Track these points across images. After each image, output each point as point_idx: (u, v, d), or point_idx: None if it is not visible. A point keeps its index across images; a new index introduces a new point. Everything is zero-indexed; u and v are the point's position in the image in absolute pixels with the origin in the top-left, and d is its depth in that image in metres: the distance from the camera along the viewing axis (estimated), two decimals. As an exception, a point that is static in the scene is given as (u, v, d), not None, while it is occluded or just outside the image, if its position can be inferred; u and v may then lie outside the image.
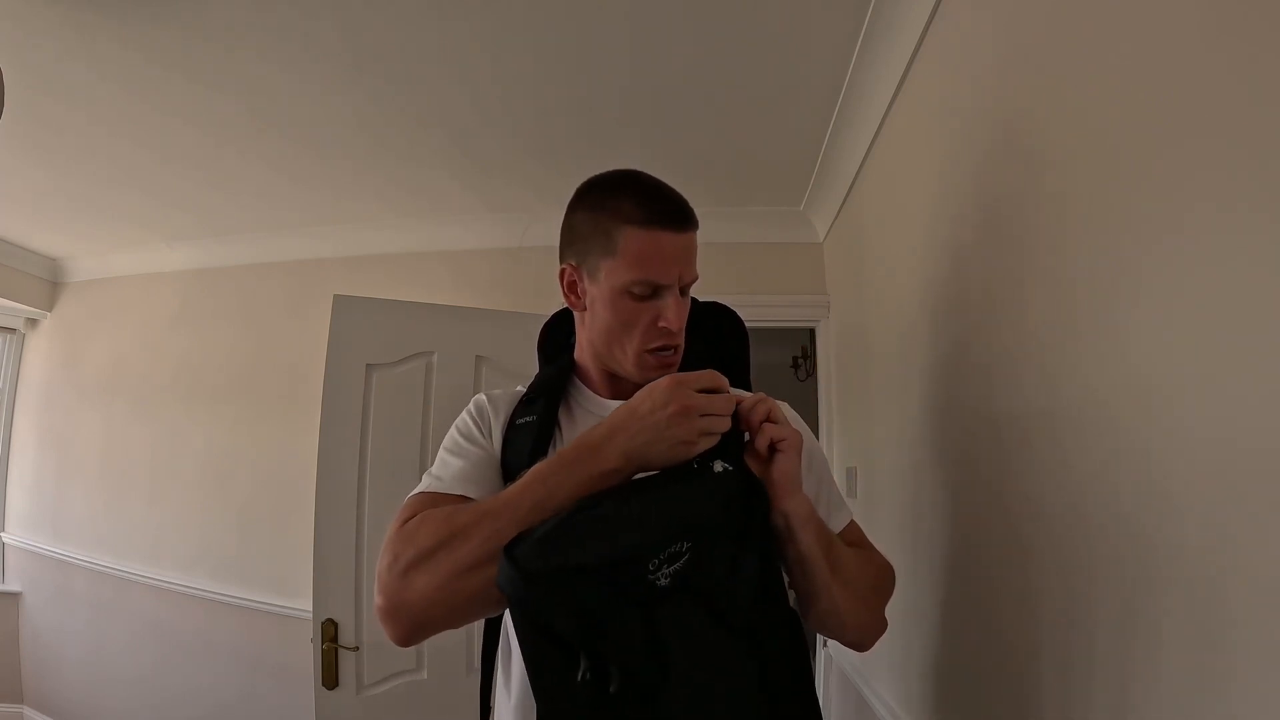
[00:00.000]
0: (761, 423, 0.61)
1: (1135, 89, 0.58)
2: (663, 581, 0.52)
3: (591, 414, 0.75)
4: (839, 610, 0.65)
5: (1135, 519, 0.57)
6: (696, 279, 0.71)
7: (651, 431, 0.56)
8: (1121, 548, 0.58)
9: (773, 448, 0.60)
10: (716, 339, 0.85)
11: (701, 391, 0.58)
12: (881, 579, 0.75)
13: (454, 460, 0.70)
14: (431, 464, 0.73)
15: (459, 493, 0.66)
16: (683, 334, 0.71)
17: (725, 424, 0.58)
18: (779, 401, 0.68)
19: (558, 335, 0.85)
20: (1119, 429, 0.59)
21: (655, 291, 0.67)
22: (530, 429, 0.71)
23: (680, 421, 0.56)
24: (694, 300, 0.84)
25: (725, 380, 0.60)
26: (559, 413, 0.75)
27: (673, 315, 0.68)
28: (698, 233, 0.70)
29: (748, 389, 0.84)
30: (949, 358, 1.03)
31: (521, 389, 0.79)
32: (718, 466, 0.58)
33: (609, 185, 0.70)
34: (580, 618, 0.51)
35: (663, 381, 0.58)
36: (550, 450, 0.70)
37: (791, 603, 0.64)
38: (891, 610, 0.73)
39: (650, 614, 0.52)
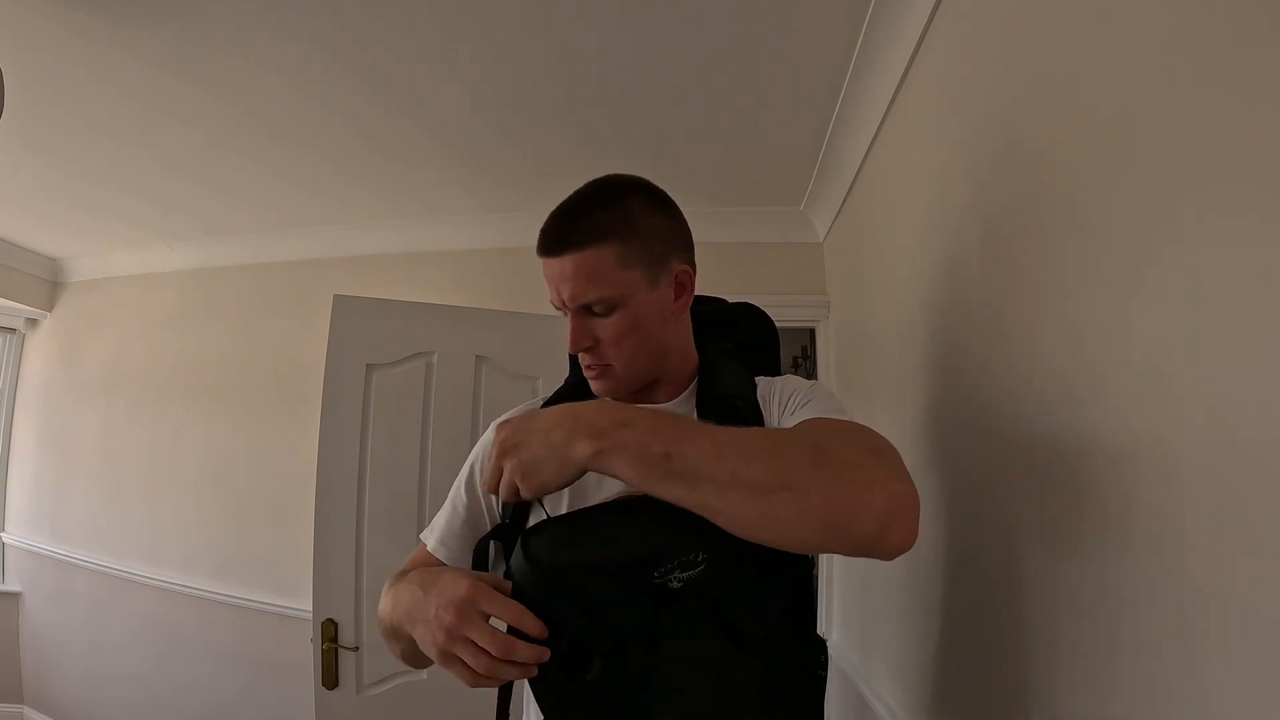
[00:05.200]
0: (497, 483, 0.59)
1: (1135, 88, 0.58)
2: (674, 584, 0.53)
3: None
4: (739, 523, 0.52)
5: (1129, 526, 0.57)
6: (592, 299, 0.68)
7: (417, 612, 0.57)
8: (1113, 553, 0.59)
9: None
10: (748, 338, 0.86)
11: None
12: (779, 446, 0.54)
13: (450, 513, 0.79)
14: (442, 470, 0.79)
15: (439, 558, 0.77)
16: (600, 352, 0.70)
17: (488, 668, 0.53)
18: (790, 379, 0.74)
19: None
20: (1117, 433, 0.59)
21: (562, 310, 0.71)
22: None
23: (439, 632, 0.54)
24: (724, 301, 0.89)
25: (532, 626, 0.53)
26: None
27: (569, 335, 0.70)
28: (609, 247, 0.67)
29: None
30: (949, 358, 1.03)
31: (543, 398, 0.82)
32: None
33: None
34: (578, 605, 0.53)
35: (464, 586, 0.55)
36: None
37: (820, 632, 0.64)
38: (893, 609, 0.73)
39: (656, 612, 0.54)
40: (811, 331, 2.25)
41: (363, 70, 1.46)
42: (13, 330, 3.08)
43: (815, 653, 0.61)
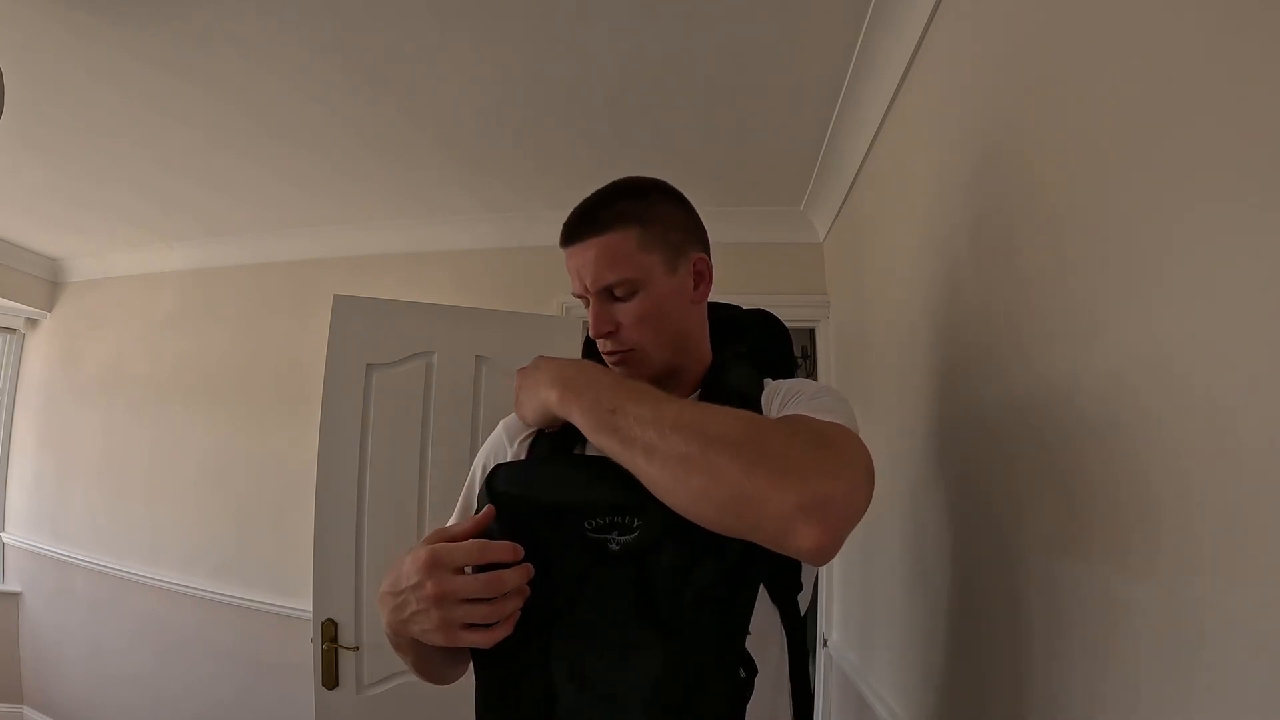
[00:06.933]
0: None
1: (1136, 86, 0.58)
2: (613, 546, 0.57)
3: None
4: (657, 488, 0.53)
5: (1131, 528, 0.57)
6: (613, 281, 0.69)
7: (402, 611, 0.54)
8: (1115, 554, 0.59)
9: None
10: (760, 344, 0.86)
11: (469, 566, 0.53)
12: (716, 424, 0.52)
13: (459, 519, 0.76)
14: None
15: None
16: (621, 337, 0.71)
17: (489, 614, 0.52)
18: (799, 380, 0.74)
19: None
20: (1121, 433, 0.59)
21: (584, 301, 0.73)
22: (551, 436, 0.71)
23: (431, 609, 0.52)
24: (739, 308, 0.90)
25: (500, 551, 0.54)
26: None
27: (591, 320, 0.71)
28: (629, 231, 0.68)
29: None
30: (949, 358, 1.03)
31: None
32: None
33: None
34: (523, 538, 0.56)
35: (422, 554, 0.53)
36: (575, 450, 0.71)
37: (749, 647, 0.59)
38: (893, 609, 0.73)
39: (589, 568, 0.57)
40: (811, 331, 2.26)
41: (363, 70, 1.46)
42: (13, 330, 3.08)
43: (735, 654, 0.57)
